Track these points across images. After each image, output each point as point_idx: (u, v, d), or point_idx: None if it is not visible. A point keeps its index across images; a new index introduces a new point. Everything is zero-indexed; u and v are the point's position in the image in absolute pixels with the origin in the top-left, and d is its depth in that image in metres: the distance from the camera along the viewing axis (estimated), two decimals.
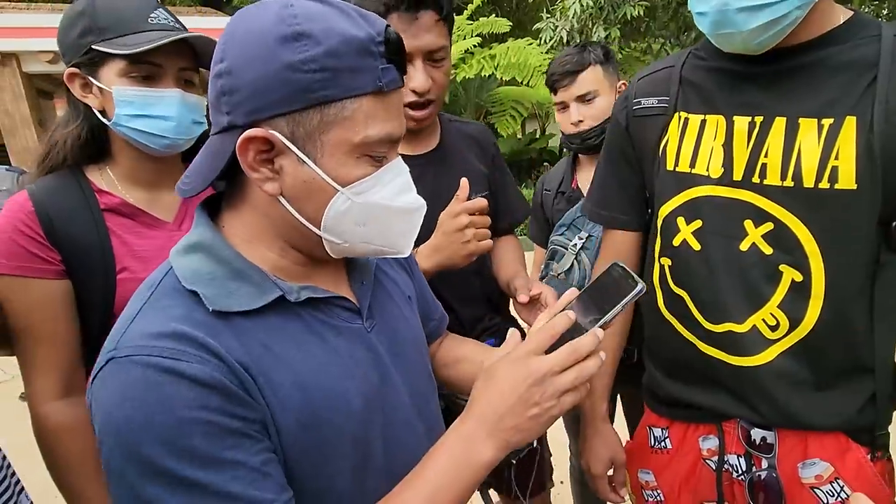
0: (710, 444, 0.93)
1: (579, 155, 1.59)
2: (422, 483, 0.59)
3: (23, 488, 1.03)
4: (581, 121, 1.46)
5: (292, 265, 0.64)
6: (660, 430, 1.00)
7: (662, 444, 0.99)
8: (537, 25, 5.73)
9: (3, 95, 5.72)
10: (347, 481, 0.61)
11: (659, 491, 1.01)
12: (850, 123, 0.73)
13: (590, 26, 5.30)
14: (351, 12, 0.56)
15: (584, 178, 1.50)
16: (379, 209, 0.60)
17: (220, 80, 0.55)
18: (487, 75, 6.95)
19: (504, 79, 6.97)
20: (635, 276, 0.60)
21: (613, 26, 5.19)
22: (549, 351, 0.60)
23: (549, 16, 5.62)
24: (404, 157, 1.12)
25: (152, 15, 0.92)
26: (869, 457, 0.80)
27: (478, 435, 0.59)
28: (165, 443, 0.49)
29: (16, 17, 5.57)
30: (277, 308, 0.59)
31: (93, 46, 0.89)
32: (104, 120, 0.94)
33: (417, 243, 1.00)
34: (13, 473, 1.01)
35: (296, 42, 0.52)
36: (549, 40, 5.52)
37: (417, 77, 1.00)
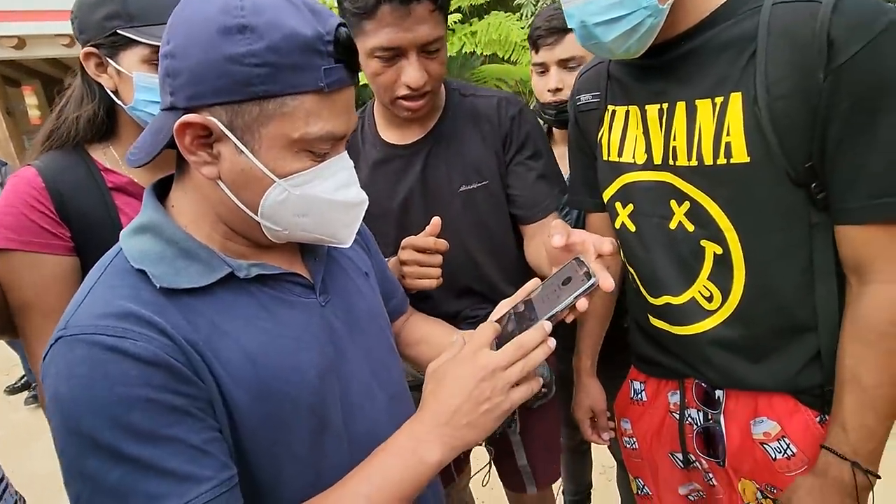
0: (675, 398, 1.01)
1: (553, 129, 1.47)
2: (366, 477, 0.60)
3: (7, 485, 1.02)
4: (560, 89, 1.32)
5: (241, 245, 0.65)
6: (638, 383, 1.09)
7: (640, 396, 1.08)
8: (518, 0, 5.65)
9: None
10: (306, 447, 0.63)
11: (634, 439, 1.10)
12: (736, 99, 0.76)
13: None
14: (302, 7, 0.55)
15: (559, 154, 1.36)
16: (318, 202, 0.61)
17: (165, 61, 0.56)
18: (469, 52, 6.84)
19: (485, 55, 6.87)
20: (591, 270, 0.63)
21: None
22: (498, 346, 0.62)
23: None
24: (390, 146, 1.12)
25: None
26: (818, 419, 0.84)
27: (428, 437, 0.60)
28: (106, 419, 0.50)
29: None
30: (227, 285, 0.61)
31: (118, 31, 0.90)
32: (117, 101, 0.96)
33: (404, 234, 1.01)
34: (1, 478, 0.99)
35: (238, 35, 0.52)
36: (531, 15, 5.44)
37: (411, 72, 0.97)
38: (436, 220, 0.96)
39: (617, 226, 0.98)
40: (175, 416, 0.53)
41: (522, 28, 6.32)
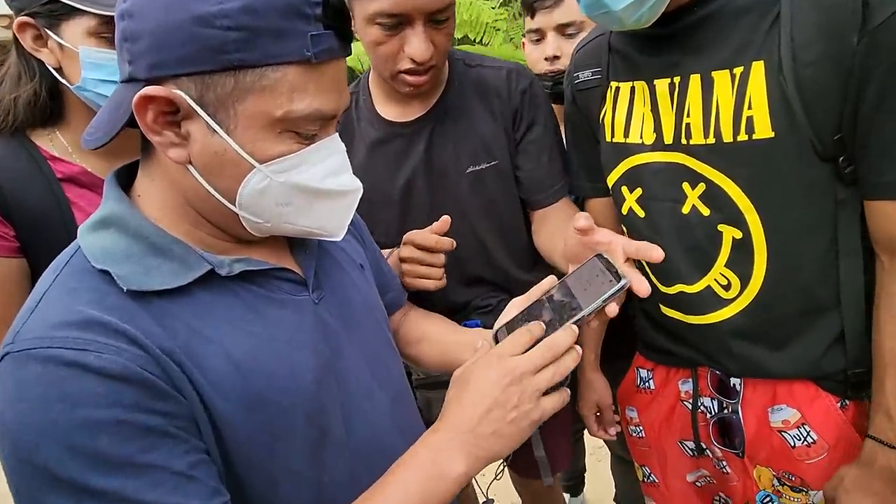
0: (687, 387, 0.98)
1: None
2: (382, 500, 0.54)
3: None
4: (558, 57, 1.22)
5: (222, 239, 0.58)
6: (645, 371, 1.05)
7: (647, 384, 1.05)
8: None
9: None
10: (304, 459, 0.57)
11: (640, 427, 1.07)
12: (758, 69, 0.71)
13: None
14: None
15: None
16: (304, 190, 0.55)
17: (122, 23, 0.49)
18: None
19: (456, 37, 6.77)
20: (619, 270, 0.58)
21: None
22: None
23: None
24: (389, 124, 1.03)
25: None
26: (839, 404, 0.82)
27: (450, 446, 0.55)
28: (66, 448, 0.44)
29: None
30: (207, 285, 0.54)
31: None
32: (62, 80, 0.84)
33: (407, 227, 0.94)
34: None
35: None
36: None
37: (417, 44, 0.87)
38: (445, 219, 0.88)
39: (624, 211, 0.93)
40: (152, 438, 0.46)
41: (493, 8, 6.23)
